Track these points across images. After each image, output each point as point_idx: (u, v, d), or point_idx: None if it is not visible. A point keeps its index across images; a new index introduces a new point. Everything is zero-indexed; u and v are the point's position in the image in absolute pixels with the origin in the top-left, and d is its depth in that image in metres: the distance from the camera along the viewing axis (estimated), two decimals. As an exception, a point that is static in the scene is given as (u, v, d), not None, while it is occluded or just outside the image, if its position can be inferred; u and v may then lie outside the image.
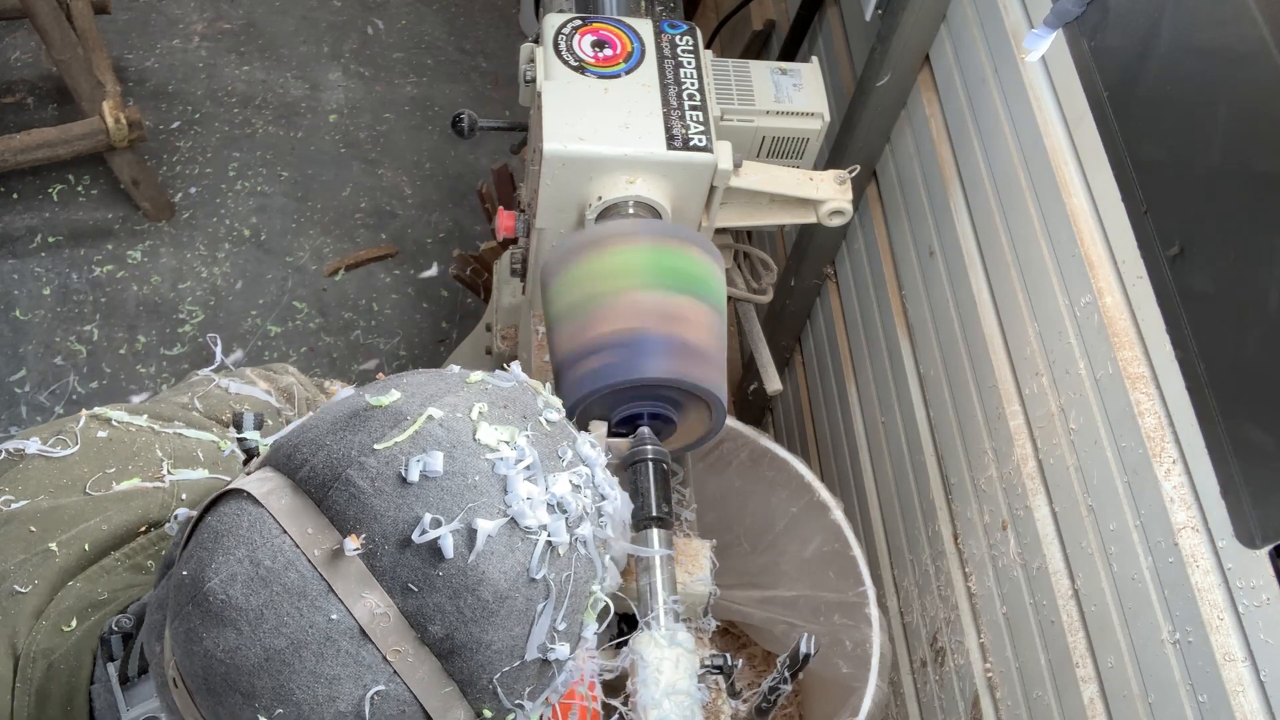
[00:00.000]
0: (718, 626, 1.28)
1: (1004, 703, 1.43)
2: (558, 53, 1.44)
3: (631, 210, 1.37)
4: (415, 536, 0.63)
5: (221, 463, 0.99)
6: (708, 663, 1.01)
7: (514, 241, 1.64)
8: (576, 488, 0.71)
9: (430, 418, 0.67)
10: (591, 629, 0.75)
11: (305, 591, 0.63)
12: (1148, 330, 1.18)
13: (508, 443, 0.68)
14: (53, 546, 0.85)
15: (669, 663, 0.98)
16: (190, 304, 2.78)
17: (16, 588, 0.82)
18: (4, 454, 0.91)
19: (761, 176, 1.44)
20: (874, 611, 1.47)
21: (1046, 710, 1.31)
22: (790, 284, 2.13)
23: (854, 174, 1.50)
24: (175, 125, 3.08)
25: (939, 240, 1.68)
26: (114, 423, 0.96)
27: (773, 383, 1.60)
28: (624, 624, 1.05)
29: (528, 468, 0.68)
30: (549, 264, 1.21)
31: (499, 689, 0.68)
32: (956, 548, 1.59)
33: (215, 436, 1.02)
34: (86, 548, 0.86)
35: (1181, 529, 1.09)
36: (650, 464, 1.10)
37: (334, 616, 0.63)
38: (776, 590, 1.64)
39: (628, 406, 1.15)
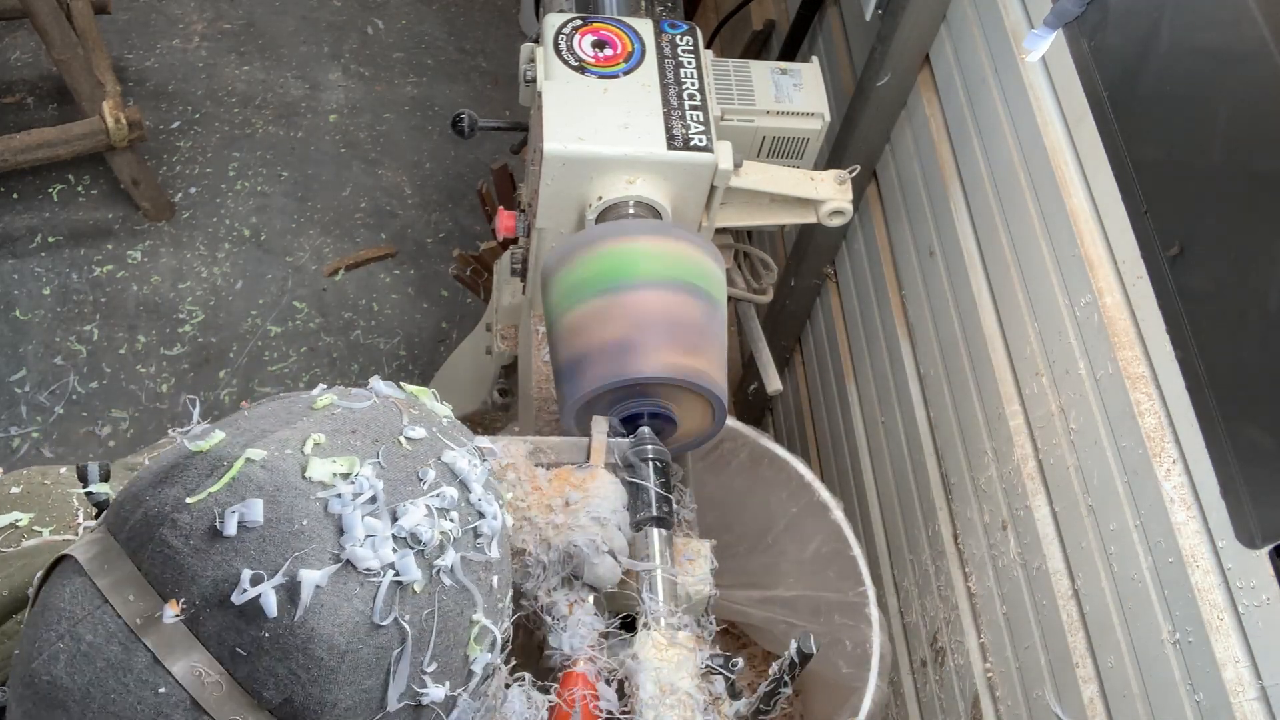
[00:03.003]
0: (718, 627, 1.27)
1: (1004, 702, 1.43)
2: (558, 53, 1.44)
3: (632, 210, 1.37)
4: (235, 597, 0.59)
5: None
6: (709, 663, 1.01)
7: (514, 241, 1.64)
8: (441, 512, 0.65)
9: (249, 460, 0.62)
10: (482, 661, 0.69)
11: (130, 666, 0.59)
12: (1148, 330, 1.18)
13: (345, 476, 0.63)
14: None
15: (669, 664, 0.97)
16: (190, 304, 2.78)
17: None
18: None
19: (761, 176, 1.44)
20: (874, 611, 1.47)
21: (1046, 710, 1.31)
22: (790, 284, 2.13)
23: (854, 174, 1.50)
24: (175, 125, 3.08)
25: (939, 240, 1.68)
26: (30, 479, 0.90)
27: (773, 383, 1.60)
28: (623, 625, 1.05)
29: (370, 501, 0.63)
30: (550, 263, 1.21)
31: None
32: (956, 548, 1.59)
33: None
34: None
35: (1181, 529, 1.09)
36: (650, 463, 1.10)
37: (162, 690, 0.59)
38: (776, 590, 1.63)
39: (628, 405, 1.15)
